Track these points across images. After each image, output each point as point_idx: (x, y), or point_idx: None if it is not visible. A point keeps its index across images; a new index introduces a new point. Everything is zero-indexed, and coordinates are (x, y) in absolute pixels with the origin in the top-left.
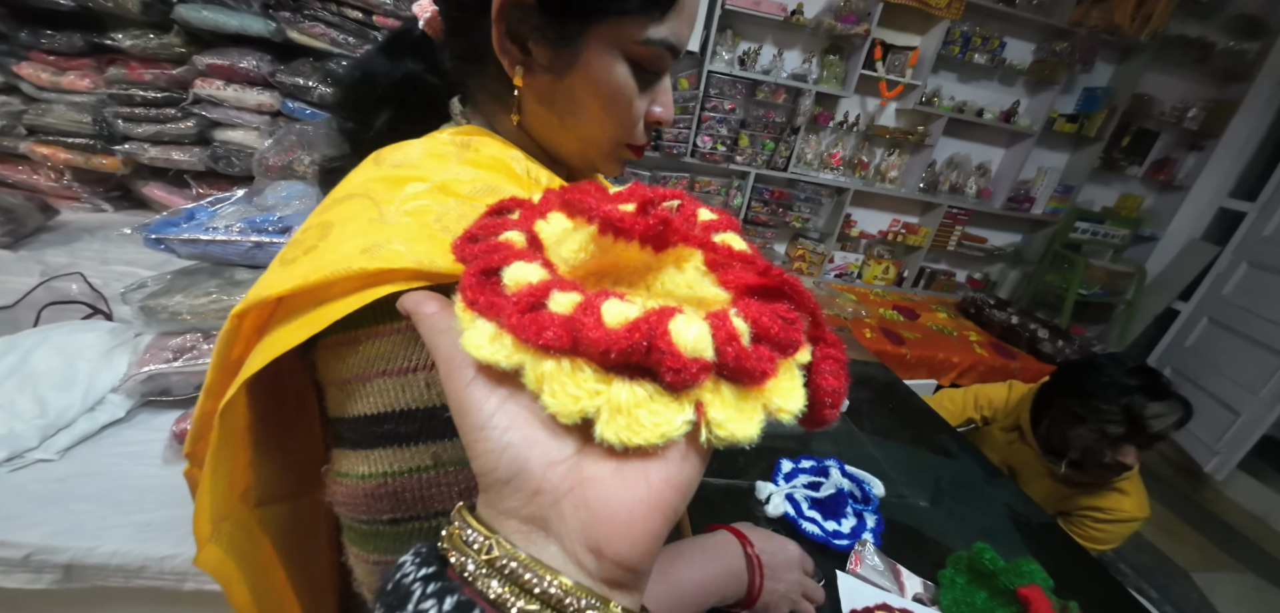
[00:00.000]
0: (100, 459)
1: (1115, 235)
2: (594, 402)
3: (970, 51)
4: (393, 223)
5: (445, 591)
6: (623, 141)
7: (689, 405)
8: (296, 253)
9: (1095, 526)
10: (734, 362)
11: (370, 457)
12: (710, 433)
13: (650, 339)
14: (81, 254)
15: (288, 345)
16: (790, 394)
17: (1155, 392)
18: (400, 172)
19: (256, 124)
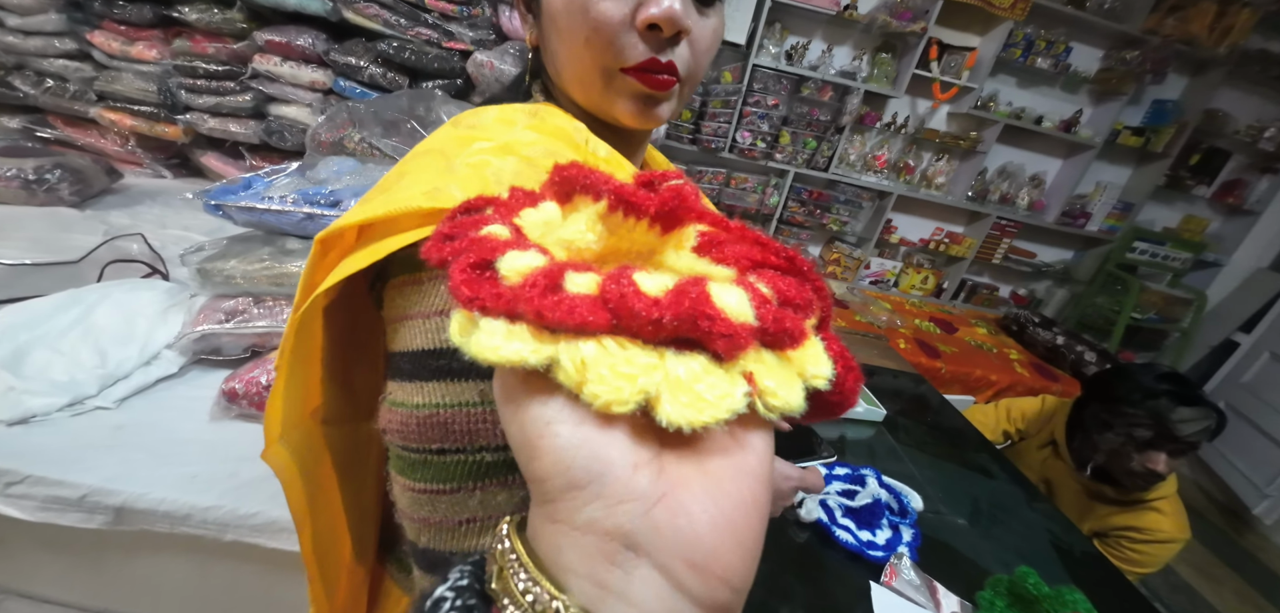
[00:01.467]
0: (153, 411)
1: (1175, 259)
2: (653, 379)
3: (1033, 56)
4: (455, 172)
5: None
6: (614, 65)
7: (741, 377)
8: (374, 194)
9: (1133, 547)
10: (773, 324)
11: (424, 388)
12: (764, 403)
13: (695, 308)
14: (142, 217)
15: (356, 267)
16: (819, 360)
17: (1185, 397)
18: (471, 132)
19: (309, 101)
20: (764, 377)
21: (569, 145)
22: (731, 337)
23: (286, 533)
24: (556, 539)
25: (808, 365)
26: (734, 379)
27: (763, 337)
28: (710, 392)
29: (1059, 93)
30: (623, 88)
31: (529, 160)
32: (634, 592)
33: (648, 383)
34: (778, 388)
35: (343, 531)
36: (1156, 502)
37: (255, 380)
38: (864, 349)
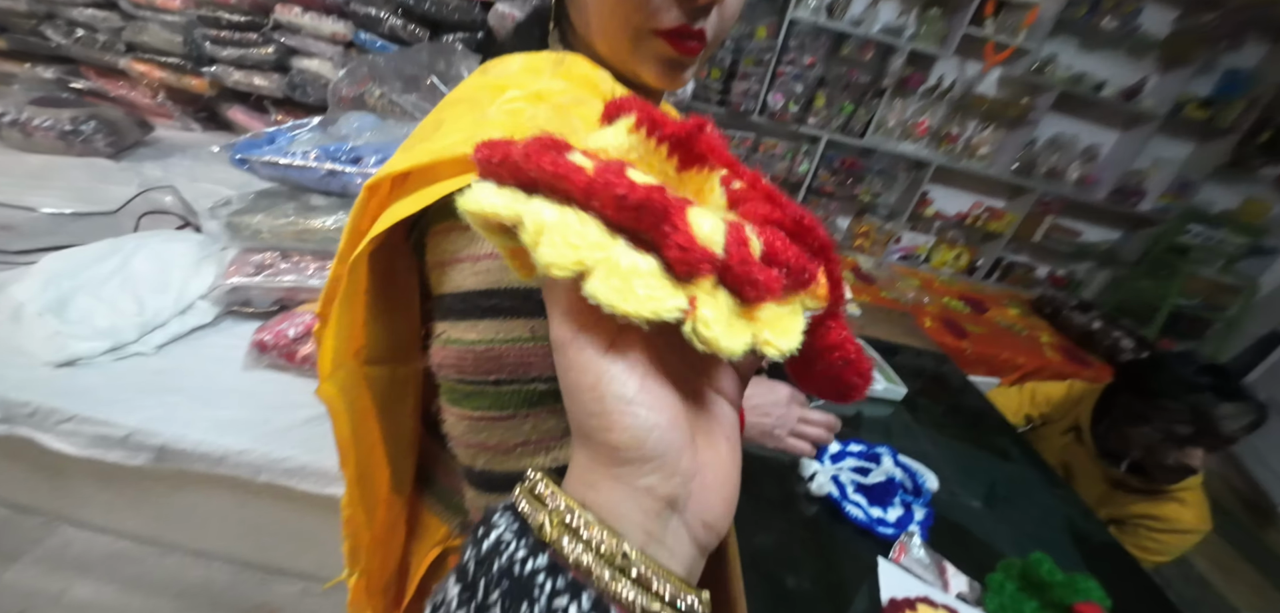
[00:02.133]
0: (190, 358)
1: (1231, 244)
2: (593, 255)
3: (1100, 14)
4: (490, 120)
5: (577, 589)
6: (645, 26)
7: (684, 295)
8: (413, 142)
9: (1151, 536)
10: (739, 267)
11: (477, 325)
12: (694, 328)
13: (665, 210)
14: (174, 170)
15: (404, 214)
16: (787, 331)
17: (1227, 392)
18: (501, 80)
19: (330, 54)
20: (706, 307)
21: (596, 94)
22: (686, 251)
23: (315, 477)
24: (617, 494)
25: (767, 331)
26: (675, 292)
27: (726, 274)
28: (642, 288)
29: (1123, 58)
30: (651, 50)
31: (561, 108)
32: (669, 539)
33: (588, 256)
34: (714, 322)
35: (382, 463)
36: (1180, 493)
37: (283, 333)
38: (887, 325)
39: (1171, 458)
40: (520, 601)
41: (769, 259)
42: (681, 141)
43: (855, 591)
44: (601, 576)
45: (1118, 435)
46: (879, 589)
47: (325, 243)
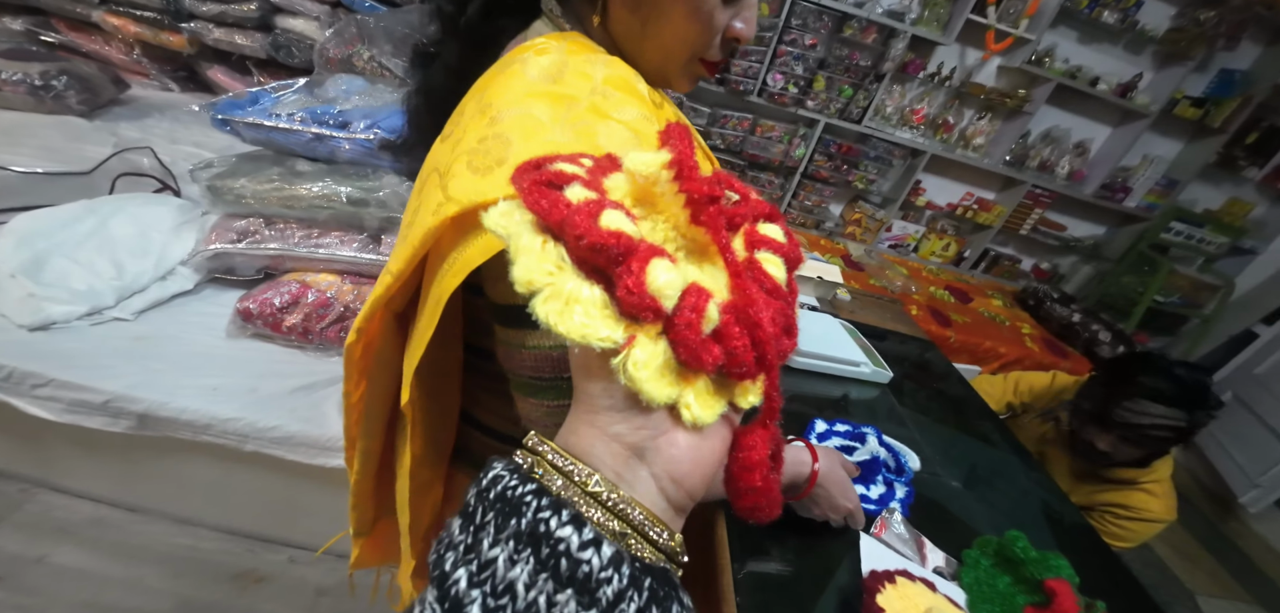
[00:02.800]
0: (172, 324)
1: (1211, 243)
2: (545, 279)
3: (1100, 8)
4: (564, 141)
5: (558, 505)
6: (699, 54)
7: (623, 332)
8: (487, 162)
9: (1118, 523)
10: (680, 329)
11: (529, 334)
12: (624, 364)
13: (624, 255)
14: (152, 130)
15: (503, 244)
16: (704, 406)
17: (1200, 392)
18: (555, 88)
19: (316, 13)
20: (642, 349)
21: (637, 100)
22: (631, 294)
23: (305, 447)
24: (592, 437)
25: (691, 393)
26: (615, 326)
27: (668, 328)
28: (577, 314)
29: (1121, 52)
30: (692, 70)
31: (619, 121)
32: (637, 485)
33: (539, 281)
34: (644, 365)
35: (424, 446)
36: (1148, 484)
37: (268, 302)
38: (876, 312)
39: (1144, 454)
40: (510, 517)
41: (718, 337)
42: (692, 200)
43: (837, 563)
44: (572, 498)
45: (1095, 435)
46: (860, 562)
47: (311, 210)
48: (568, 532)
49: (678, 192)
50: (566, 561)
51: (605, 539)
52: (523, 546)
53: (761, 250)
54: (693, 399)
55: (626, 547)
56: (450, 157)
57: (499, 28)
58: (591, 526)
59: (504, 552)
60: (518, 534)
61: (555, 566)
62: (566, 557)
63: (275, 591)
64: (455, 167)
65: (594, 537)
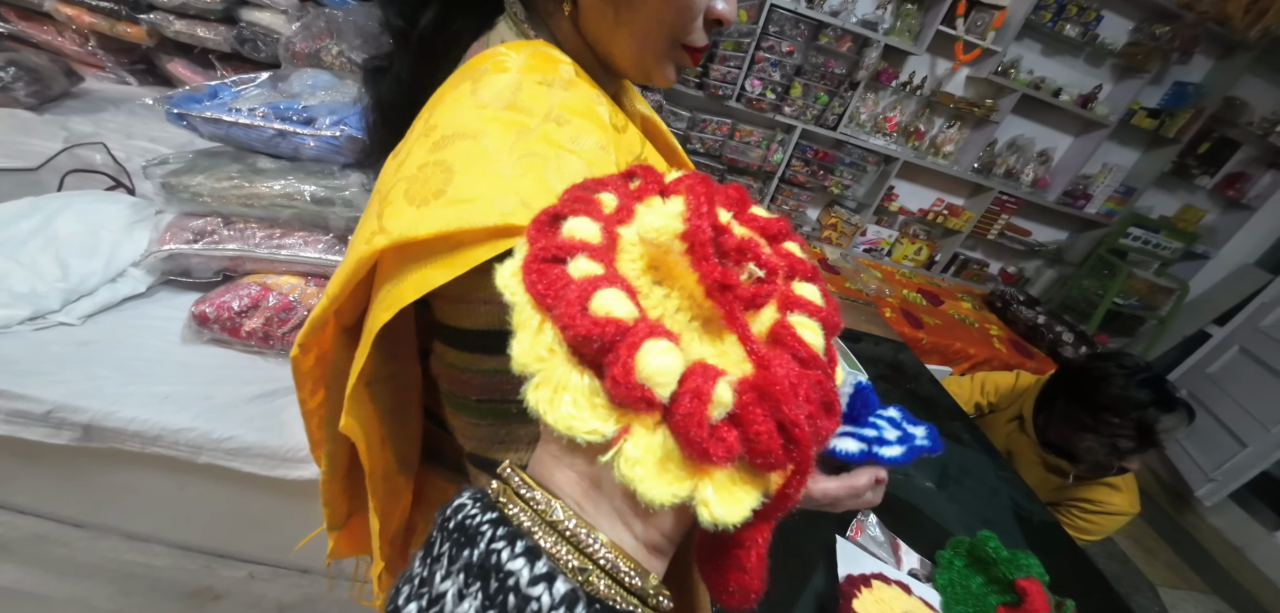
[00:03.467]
0: (122, 329)
1: (1166, 248)
2: (536, 365)
3: (1063, 21)
4: (508, 176)
5: (515, 536)
6: (680, 40)
7: (615, 422)
8: (425, 193)
9: (1084, 517)
10: (679, 419)
11: (466, 357)
12: (616, 463)
13: (612, 342)
14: (106, 125)
15: (439, 282)
16: (727, 501)
17: (1167, 403)
18: (504, 116)
19: (284, 7)
20: (637, 444)
21: (597, 125)
22: (619, 386)
23: (262, 458)
24: (553, 468)
25: (706, 489)
26: (605, 417)
27: (668, 417)
28: (569, 406)
29: (1082, 64)
30: (675, 57)
31: (571, 152)
32: (599, 519)
33: (530, 365)
34: (639, 462)
35: (390, 459)
36: (1112, 478)
37: (226, 305)
38: (851, 315)
39: (1115, 465)
40: (464, 548)
41: (737, 421)
42: (704, 281)
43: (813, 568)
44: (532, 529)
45: (1060, 438)
46: (837, 567)
47: (273, 209)
48: (519, 565)
49: (692, 265)
50: (515, 596)
51: (560, 575)
52: (473, 579)
53: (795, 313)
54: (712, 494)
55: (588, 584)
56: (392, 180)
57: (455, 33)
58: (546, 559)
59: (453, 585)
60: (469, 566)
61: (503, 601)
62: (515, 592)
63: (233, 608)
64: (393, 194)
65: (547, 571)
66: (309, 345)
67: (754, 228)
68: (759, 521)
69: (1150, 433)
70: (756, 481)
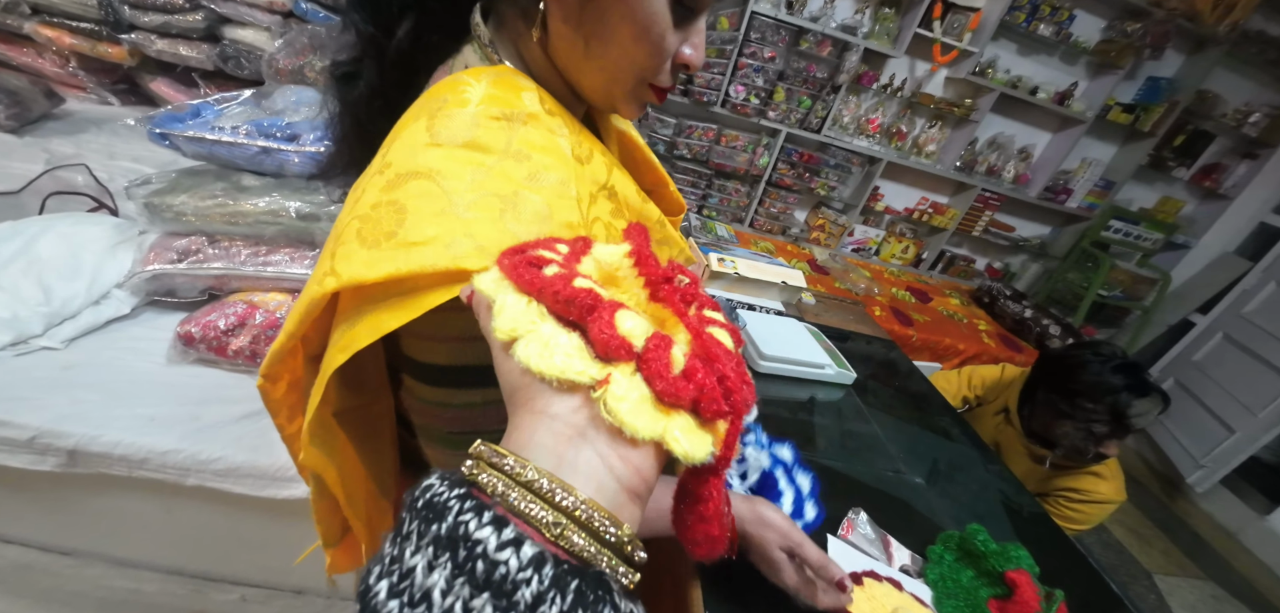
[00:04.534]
0: (105, 352)
1: (1147, 239)
2: (528, 327)
3: (1037, 21)
4: (464, 218)
5: (481, 507)
6: (647, 79)
7: (599, 368)
8: (377, 234)
9: (1071, 506)
10: (649, 367)
11: (436, 391)
12: (603, 401)
13: (595, 306)
14: (87, 146)
15: (393, 326)
16: (691, 437)
17: (1140, 388)
18: (459, 154)
19: (267, 24)
20: (619, 384)
21: (559, 159)
22: (604, 335)
23: (251, 478)
24: (533, 424)
25: (676, 429)
26: (590, 365)
27: (641, 366)
28: (557, 354)
29: (1057, 63)
30: (640, 95)
31: (527, 187)
32: (579, 463)
33: (522, 329)
34: (623, 399)
35: (368, 484)
36: (1097, 467)
37: (212, 324)
38: (840, 314)
39: (1091, 451)
40: (433, 523)
41: (687, 376)
42: (651, 282)
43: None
44: (506, 494)
45: (1042, 427)
46: None
47: (258, 226)
48: (486, 533)
49: (638, 276)
50: (483, 563)
51: (527, 540)
52: (441, 550)
53: (710, 327)
54: (680, 432)
55: (562, 538)
56: (346, 218)
57: (430, 45)
58: (514, 525)
59: (423, 559)
60: (437, 540)
61: (471, 569)
62: (483, 559)
63: None
64: (346, 234)
65: (514, 537)
66: (277, 374)
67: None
68: (711, 474)
69: (1123, 418)
70: (709, 429)
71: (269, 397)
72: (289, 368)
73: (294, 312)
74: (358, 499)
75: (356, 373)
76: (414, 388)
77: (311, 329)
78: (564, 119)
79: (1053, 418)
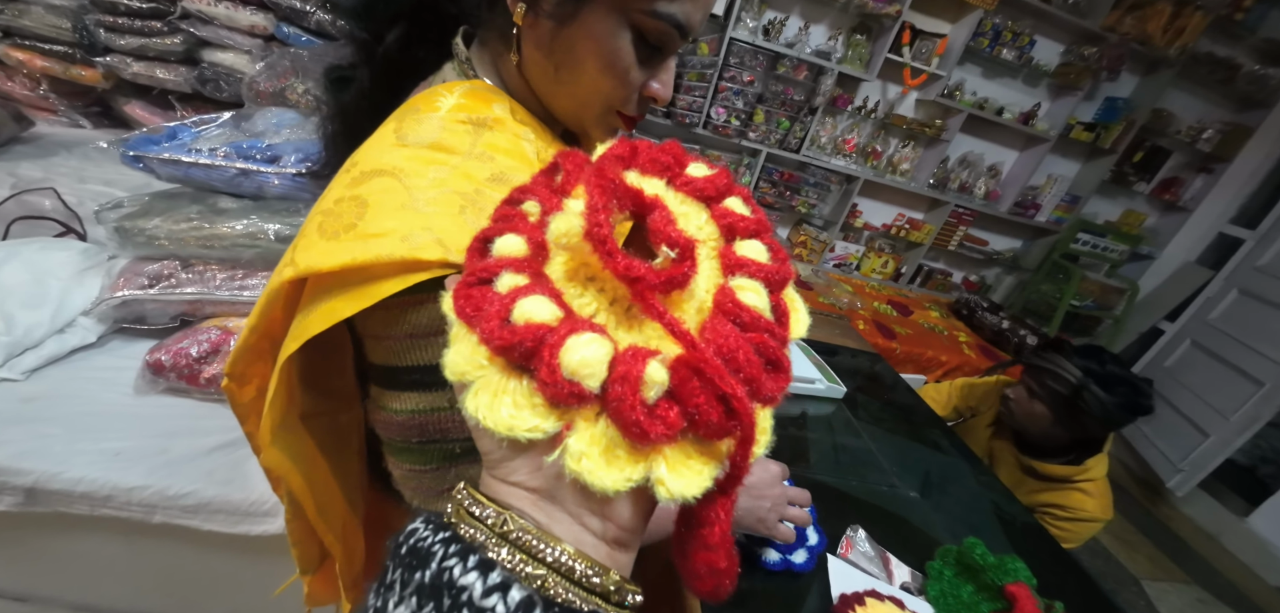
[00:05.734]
0: (69, 383)
1: (1114, 250)
2: (475, 372)
3: (1000, 46)
4: (423, 212)
5: (467, 551)
6: (614, 108)
7: (555, 420)
8: (337, 226)
9: (1056, 524)
10: (614, 405)
11: (401, 397)
12: (564, 460)
13: (534, 347)
14: (57, 170)
15: (346, 313)
16: (680, 473)
17: (1082, 351)
18: (423, 154)
19: (248, 47)
20: (579, 438)
21: (523, 162)
22: (547, 384)
23: (223, 514)
24: (499, 487)
25: (662, 468)
26: (543, 415)
27: (606, 406)
28: (505, 408)
29: (1020, 85)
30: (609, 122)
31: (488, 185)
32: (555, 527)
33: (471, 374)
34: (585, 455)
35: (337, 496)
36: (1083, 483)
37: (184, 351)
38: (826, 329)
39: (1038, 411)
40: (417, 570)
41: (676, 397)
42: (616, 274)
43: (807, 590)
44: (486, 542)
45: (1020, 414)
46: (830, 587)
47: (235, 250)
48: (472, 579)
49: (592, 251)
50: (469, 610)
51: (515, 583)
52: (426, 599)
53: (737, 276)
54: (666, 471)
55: (545, 589)
56: (312, 212)
57: (417, 59)
58: (500, 569)
59: (407, 608)
60: (422, 588)
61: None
62: (469, 606)
63: None
64: (308, 227)
65: (501, 582)
66: (245, 375)
67: (691, 191)
68: (718, 494)
69: (1082, 396)
70: (710, 452)
71: (236, 399)
72: (258, 371)
73: (255, 308)
74: (330, 512)
75: (322, 376)
76: (381, 396)
77: (278, 326)
78: (533, 128)
79: (1028, 400)
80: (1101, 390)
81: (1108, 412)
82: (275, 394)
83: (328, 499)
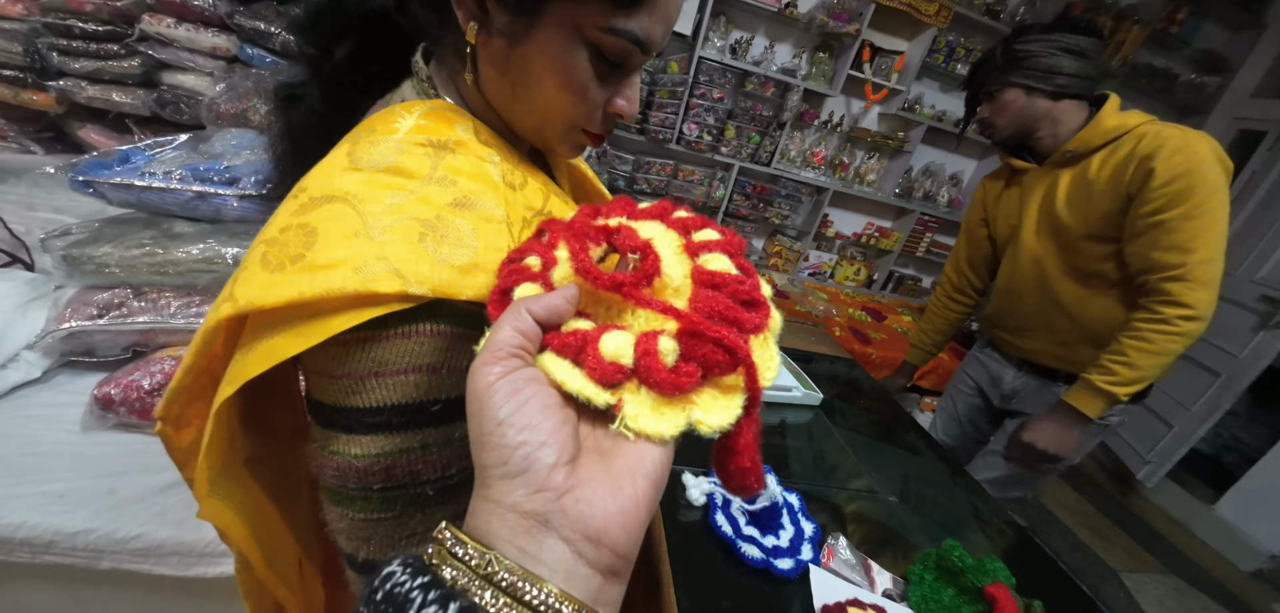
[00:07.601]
0: (10, 422)
1: None
2: (546, 359)
3: (954, 62)
4: (378, 240)
5: (447, 598)
6: (577, 126)
7: (608, 397)
8: (282, 257)
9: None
10: (645, 373)
11: (361, 441)
12: (622, 424)
13: (583, 343)
14: (4, 197)
15: (290, 353)
16: (714, 410)
17: None
18: (379, 179)
19: (209, 69)
20: (631, 404)
21: (486, 184)
22: (597, 370)
23: (176, 556)
24: (489, 515)
25: (697, 411)
26: (599, 392)
27: (641, 378)
28: (572, 378)
29: None
30: (573, 139)
31: (448, 210)
32: (545, 555)
33: (545, 361)
34: (640, 415)
35: (289, 543)
36: (1138, 130)
37: (135, 384)
38: (803, 336)
39: (1041, 103)
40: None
41: (688, 356)
42: (608, 290)
43: (790, 602)
44: (469, 586)
45: (1002, 125)
46: (812, 598)
47: (191, 275)
48: None
49: (593, 289)
50: None
51: None
52: None
53: (703, 255)
54: (702, 413)
55: None
56: (255, 242)
57: (371, 76)
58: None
59: None
60: None
61: None
62: None
63: None
64: (250, 258)
65: None
66: (182, 418)
67: (644, 216)
68: (743, 416)
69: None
70: (732, 386)
71: (171, 443)
72: (197, 413)
73: (191, 346)
74: (281, 562)
75: (267, 415)
76: (331, 441)
77: (219, 364)
78: (498, 149)
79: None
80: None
81: (1047, 30)
82: (212, 440)
83: (278, 549)
